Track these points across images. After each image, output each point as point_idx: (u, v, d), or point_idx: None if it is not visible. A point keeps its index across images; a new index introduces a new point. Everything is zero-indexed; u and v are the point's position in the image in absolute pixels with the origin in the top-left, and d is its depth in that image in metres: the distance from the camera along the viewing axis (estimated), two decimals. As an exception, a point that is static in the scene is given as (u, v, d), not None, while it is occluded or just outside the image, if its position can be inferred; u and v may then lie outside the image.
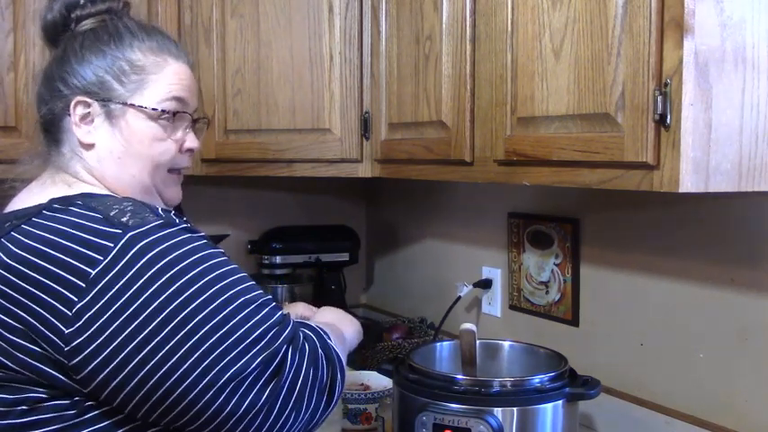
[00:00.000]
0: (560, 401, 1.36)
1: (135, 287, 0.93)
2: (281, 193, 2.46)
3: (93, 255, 0.94)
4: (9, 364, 0.96)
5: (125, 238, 0.95)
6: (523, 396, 1.35)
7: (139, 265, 0.94)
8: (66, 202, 1.03)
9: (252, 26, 1.87)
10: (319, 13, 1.84)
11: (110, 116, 1.12)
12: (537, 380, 1.37)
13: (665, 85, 1.05)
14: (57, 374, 0.95)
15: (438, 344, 1.65)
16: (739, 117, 1.07)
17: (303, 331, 1.05)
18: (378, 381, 1.78)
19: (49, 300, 0.94)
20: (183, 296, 0.94)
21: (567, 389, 1.37)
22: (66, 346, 0.93)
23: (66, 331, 0.93)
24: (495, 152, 1.41)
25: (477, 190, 2.03)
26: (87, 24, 1.16)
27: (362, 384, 1.81)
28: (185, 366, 0.93)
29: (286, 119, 1.87)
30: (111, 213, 0.99)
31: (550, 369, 1.42)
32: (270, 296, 1.03)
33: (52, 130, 1.15)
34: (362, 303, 2.58)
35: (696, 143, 1.04)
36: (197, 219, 2.12)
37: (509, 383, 1.37)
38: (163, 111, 1.14)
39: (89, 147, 1.12)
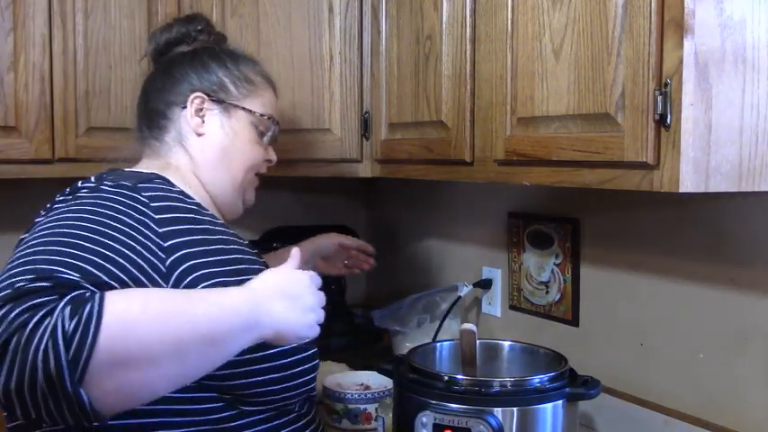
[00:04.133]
0: (560, 401, 1.36)
1: (46, 219, 1.10)
2: (281, 193, 2.46)
3: (68, 193, 1.17)
4: None
5: (87, 185, 1.16)
6: (523, 396, 1.35)
7: (67, 204, 1.12)
8: (118, 173, 1.21)
9: (252, 26, 1.87)
10: (319, 13, 1.84)
11: (223, 112, 1.34)
12: (537, 380, 1.37)
13: (665, 85, 1.05)
14: None
15: (438, 344, 1.65)
16: (739, 117, 1.07)
17: (33, 302, 0.86)
18: (378, 381, 1.78)
19: None
20: (37, 230, 1.07)
21: (567, 389, 1.37)
22: None
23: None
24: (495, 152, 1.41)
25: (477, 190, 2.03)
26: (198, 44, 1.41)
27: (362, 384, 1.81)
28: None
29: (286, 119, 1.87)
30: (120, 180, 1.16)
31: (550, 369, 1.42)
32: (68, 276, 0.93)
33: (161, 121, 1.34)
34: (362, 303, 2.58)
35: (696, 143, 1.04)
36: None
37: (509, 383, 1.37)
38: (270, 117, 1.39)
39: (200, 135, 1.32)
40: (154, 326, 0.88)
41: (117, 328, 0.85)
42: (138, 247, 1.05)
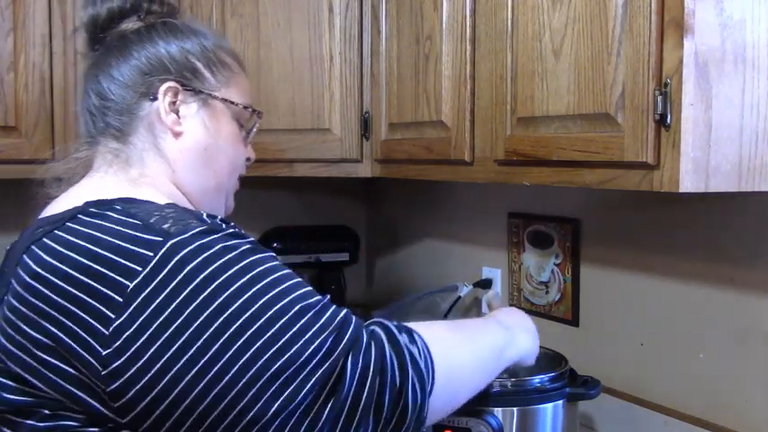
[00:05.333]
0: (560, 401, 1.36)
1: (177, 301, 0.83)
2: (281, 193, 2.46)
3: (132, 265, 0.84)
4: (41, 386, 0.87)
5: (166, 247, 0.85)
6: (523, 396, 1.35)
7: (182, 276, 0.84)
8: (103, 205, 0.94)
9: (252, 26, 1.87)
10: (319, 13, 1.84)
11: (201, 105, 1.08)
12: (537, 380, 1.37)
13: (665, 85, 1.05)
14: (91, 401, 0.85)
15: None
16: (739, 117, 1.07)
17: (370, 329, 0.92)
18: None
19: (84, 316, 0.84)
20: (230, 310, 0.83)
21: (567, 389, 1.37)
22: (104, 370, 0.83)
23: (104, 353, 0.83)
24: (495, 152, 1.41)
25: (477, 190, 2.03)
26: (153, 17, 1.12)
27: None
28: (234, 392, 0.82)
29: (286, 119, 1.87)
30: (152, 220, 0.89)
31: (550, 369, 1.42)
32: (325, 297, 0.93)
33: (124, 119, 1.06)
34: (362, 303, 2.58)
35: (696, 143, 1.04)
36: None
37: (509, 383, 1.37)
38: (253, 109, 1.14)
39: (177, 135, 1.06)
40: (470, 372, 1.05)
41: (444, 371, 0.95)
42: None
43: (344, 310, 0.91)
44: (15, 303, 0.90)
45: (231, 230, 0.92)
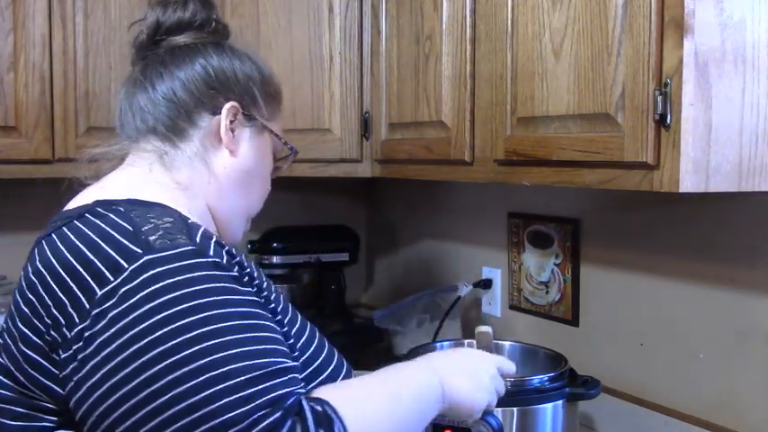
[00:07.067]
0: (560, 401, 1.36)
1: (132, 316, 0.82)
2: (281, 193, 2.45)
3: (107, 273, 0.85)
4: (21, 379, 0.89)
5: (141, 261, 0.84)
6: (523, 396, 1.35)
7: (145, 293, 0.83)
8: (108, 206, 0.94)
9: (252, 26, 1.87)
10: (319, 13, 1.84)
11: (255, 132, 1.11)
12: (537, 380, 1.37)
13: (665, 85, 1.05)
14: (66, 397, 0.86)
15: (438, 344, 1.65)
16: (739, 117, 1.07)
17: (290, 424, 0.81)
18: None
19: (58, 317, 0.86)
20: (170, 343, 0.81)
21: (567, 389, 1.37)
22: (60, 373, 0.85)
23: (62, 356, 0.84)
24: (495, 152, 1.41)
25: (477, 190, 2.03)
26: (213, 38, 1.13)
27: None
28: (152, 424, 0.80)
29: (286, 119, 1.87)
30: (144, 228, 0.89)
31: (550, 369, 1.42)
32: (283, 362, 0.86)
33: (182, 125, 1.06)
34: (362, 303, 2.58)
35: (696, 143, 1.04)
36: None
37: (509, 383, 1.37)
38: (291, 147, 1.17)
39: (230, 153, 1.08)
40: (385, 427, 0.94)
41: None
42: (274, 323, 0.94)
43: (284, 390, 0.83)
44: (17, 297, 0.92)
45: (217, 259, 0.89)
